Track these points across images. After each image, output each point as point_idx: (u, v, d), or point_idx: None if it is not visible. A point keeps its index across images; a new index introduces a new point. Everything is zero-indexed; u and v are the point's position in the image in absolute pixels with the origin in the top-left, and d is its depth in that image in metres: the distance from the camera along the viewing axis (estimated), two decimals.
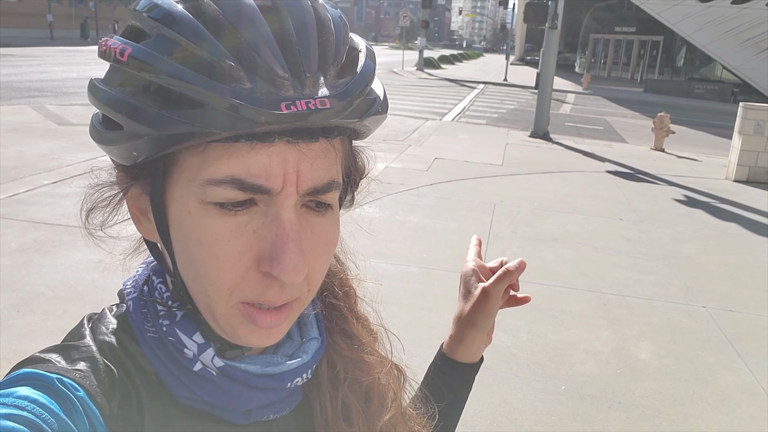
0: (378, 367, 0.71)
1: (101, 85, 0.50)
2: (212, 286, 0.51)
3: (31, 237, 4.71)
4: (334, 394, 0.66)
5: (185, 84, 0.45)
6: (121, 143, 0.49)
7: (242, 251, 0.49)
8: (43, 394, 0.46)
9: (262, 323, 0.52)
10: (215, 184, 0.48)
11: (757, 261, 5.52)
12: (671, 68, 33.50)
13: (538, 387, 3.27)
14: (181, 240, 0.51)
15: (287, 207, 0.49)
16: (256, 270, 0.50)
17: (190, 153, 0.49)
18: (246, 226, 0.49)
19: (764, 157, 8.99)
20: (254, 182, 0.48)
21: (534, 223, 6.18)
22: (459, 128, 12.87)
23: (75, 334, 0.57)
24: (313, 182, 0.50)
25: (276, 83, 0.46)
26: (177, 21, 0.47)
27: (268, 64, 0.46)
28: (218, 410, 0.57)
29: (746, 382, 3.46)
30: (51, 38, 39.33)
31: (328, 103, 0.48)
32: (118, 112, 0.48)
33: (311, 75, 0.48)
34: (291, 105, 0.46)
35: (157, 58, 0.46)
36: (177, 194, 0.51)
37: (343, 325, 0.70)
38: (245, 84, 0.46)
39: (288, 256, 0.48)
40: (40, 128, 8.98)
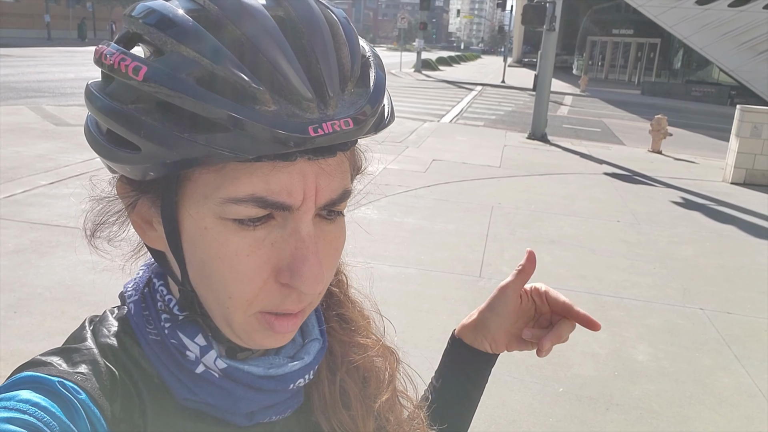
0: (373, 349, 0.71)
1: (109, 101, 0.47)
2: (231, 299, 0.51)
3: (29, 238, 4.70)
4: (332, 379, 0.67)
5: (209, 107, 0.44)
6: (137, 164, 0.48)
7: (261, 264, 0.50)
8: (44, 398, 0.46)
9: (281, 329, 0.53)
10: (235, 202, 0.47)
11: (755, 263, 5.53)
12: (669, 71, 33.59)
13: (536, 389, 3.27)
14: (197, 255, 0.51)
15: (306, 221, 0.50)
16: (275, 281, 0.51)
17: (207, 170, 0.48)
18: (264, 240, 0.50)
19: (761, 159, 9.01)
20: (276, 200, 0.48)
21: (531, 224, 6.19)
22: (457, 130, 12.89)
23: (76, 336, 0.57)
24: (330, 195, 0.51)
25: (302, 105, 0.46)
26: (194, 38, 0.45)
27: (293, 86, 0.45)
28: (221, 412, 0.57)
29: (744, 384, 3.46)
30: (48, 39, 39.25)
31: (352, 123, 0.47)
32: (135, 134, 0.46)
33: (334, 95, 0.47)
34: (318, 128, 0.45)
35: (176, 78, 0.44)
36: (192, 210, 0.50)
37: (339, 310, 0.71)
38: (270, 106, 0.45)
39: (308, 269, 0.49)
40: (37, 129, 8.97)
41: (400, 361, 0.76)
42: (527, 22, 12.31)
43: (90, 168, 6.72)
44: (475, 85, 27.69)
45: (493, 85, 28.19)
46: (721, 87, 26.37)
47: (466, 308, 4.07)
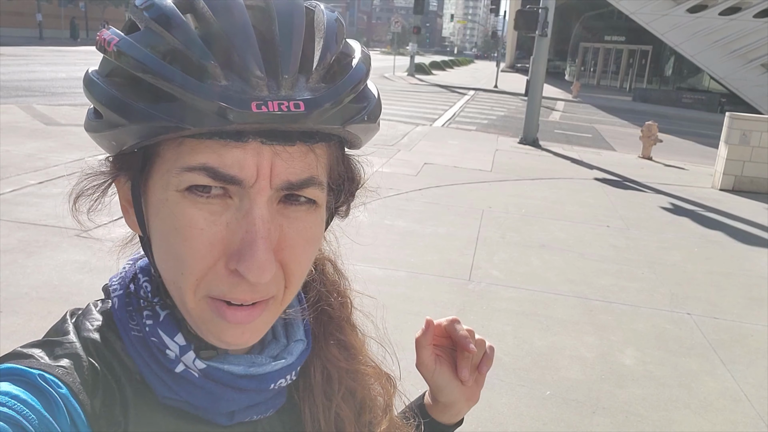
0: (372, 378, 0.71)
1: (93, 75, 0.51)
2: (182, 275, 0.50)
3: (16, 237, 4.66)
4: (328, 405, 0.66)
5: (159, 78, 0.46)
6: (101, 131, 0.50)
7: (213, 242, 0.49)
8: (24, 391, 0.45)
9: (232, 319, 0.51)
10: (188, 170, 0.48)
11: (742, 269, 5.57)
12: (660, 77, 33.82)
13: (523, 392, 3.27)
14: (158, 228, 0.52)
15: (260, 202, 0.49)
16: (225, 266, 0.49)
17: (169, 145, 0.49)
18: (220, 217, 0.49)
19: (750, 166, 9.08)
20: (227, 172, 0.47)
21: (522, 229, 6.21)
22: (449, 134, 12.91)
23: (58, 329, 0.56)
24: (287, 176, 0.49)
25: (251, 82, 0.46)
26: (164, 15, 0.48)
27: (245, 62, 0.46)
28: (201, 411, 0.56)
29: (729, 389, 3.48)
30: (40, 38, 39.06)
31: (303, 106, 0.47)
32: (98, 101, 0.49)
33: (289, 76, 0.47)
34: (262, 105, 0.45)
35: (139, 50, 0.47)
36: (156, 184, 0.51)
37: (340, 336, 0.70)
38: (220, 81, 0.46)
39: (255, 255, 0.48)
40: (27, 128, 8.91)
41: (397, 388, 0.75)
42: (519, 28, 12.37)
43: (80, 168, 6.67)
44: (467, 89, 27.77)
45: (485, 89, 28.28)
46: (712, 94, 26.58)
47: (455, 311, 4.10)
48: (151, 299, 0.57)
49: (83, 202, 0.58)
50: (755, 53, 23.58)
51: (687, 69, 30.77)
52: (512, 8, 44.46)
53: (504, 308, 4.26)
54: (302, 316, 0.66)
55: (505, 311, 4.21)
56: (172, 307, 0.56)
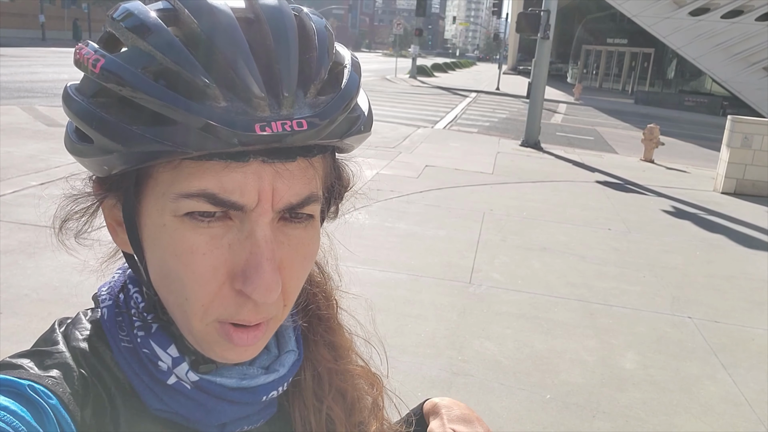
0: (361, 378, 0.71)
1: (75, 95, 0.48)
2: (187, 301, 0.50)
3: (17, 238, 4.67)
4: (319, 407, 0.66)
5: (157, 101, 0.44)
6: (91, 156, 0.48)
7: (216, 265, 0.48)
8: (13, 402, 0.45)
9: (239, 341, 0.51)
10: (187, 197, 0.47)
11: (743, 272, 5.56)
12: (662, 80, 33.78)
13: (523, 396, 3.26)
14: (157, 253, 0.51)
15: (262, 224, 0.48)
16: (230, 287, 0.49)
17: (164, 168, 0.48)
18: (221, 240, 0.48)
19: (751, 169, 9.07)
20: (227, 198, 0.47)
21: (523, 231, 6.20)
22: (450, 136, 12.91)
23: (47, 339, 0.56)
24: (289, 199, 0.49)
25: (252, 103, 0.45)
26: (151, 32, 0.46)
27: (245, 83, 0.45)
28: (192, 422, 0.56)
29: (730, 393, 3.47)
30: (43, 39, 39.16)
31: (306, 124, 0.46)
32: (88, 125, 0.47)
33: (289, 94, 0.46)
34: (266, 126, 0.45)
35: (129, 71, 0.45)
36: (151, 207, 0.50)
37: (329, 337, 0.70)
38: (220, 102, 0.44)
39: (261, 276, 0.47)
40: (29, 129, 8.93)
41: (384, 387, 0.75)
42: (521, 31, 12.35)
43: (81, 170, 6.66)
44: (469, 91, 27.78)
45: (487, 92, 28.28)
46: (714, 97, 26.56)
47: (455, 314, 4.10)
48: (141, 312, 0.56)
49: (71, 225, 0.57)
50: (757, 56, 23.57)
51: (689, 72, 30.75)
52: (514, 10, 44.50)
53: (504, 311, 4.25)
54: (293, 324, 0.65)
55: (505, 314, 4.20)
56: (167, 323, 0.55)
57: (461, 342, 3.74)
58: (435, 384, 3.25)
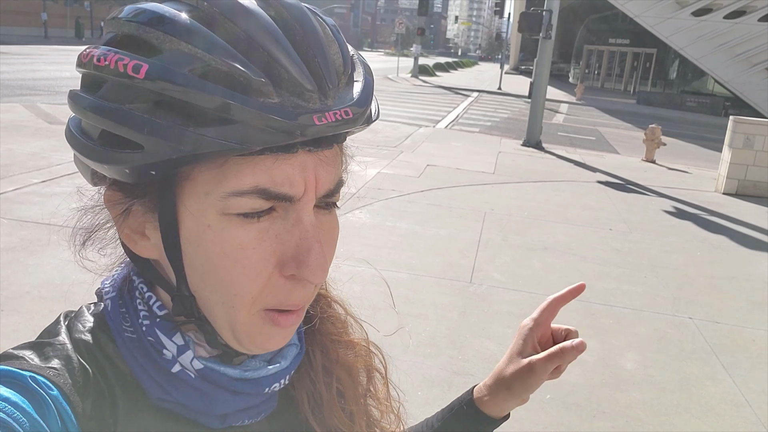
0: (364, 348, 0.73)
1: (105, 102, 0.47)
2: (237, 296, 0.50)
3: (18, 236, 4.67)
4: (328, 381, 0.67)
5: (215, 99, 0.44)
6: (136, 163, 0.47)
7: (266, 257, 0.50)
8: (15, 392, 0.45)
9: (285, 323, 0.53)
10: (239, 195, 0.47)
11: (744, 273, 5.55)
12: (664, 81, 33.75)
13: None
14: (199, 254, 0.50)
15: (308, 211, 0.51)
16: (279, 275, 0.51)
17: (207, 167, 0.48)
18: (268, 232, 0.50)
19: (753, 170, 9.06)
20: (279, 191, 0.48)
21: (524, 231, 6.20)
22: (452, 136, 12.91)
23: (50, 331, 0.56)
24: (328, 185, 0.52)
25: (305, 96, 0.47)
26: (191, 34, 0.46)
27: (295, 78, 0.47)
28: (193, 413, 0.56)
29: (730, 394, 3.47)
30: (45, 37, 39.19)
31: (351, 113, 0.49)
32: (138, 132, 0.45)
33: (333, 86, 0.49)
34: (322, 117, 0.47)
35: (179, 74, 0.44)
36: (193, 208, 0.49)
37: (330, 310, 0.72)
38: (273, 98, 0.46)
39: (314, 258, 0.50)
40: (31, 127, 8.94)
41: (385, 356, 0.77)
42: (523, 30, 12.35)
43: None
44: (471, 91, 27.77)
45: (489, 91, 28.27)
46: (716, 98, 26.53)
47: (456, 314, 4.10)
48: (147, 300, 0.57)
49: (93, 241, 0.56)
50: (760, 57, 23.54)
51: (691, 72, 30.71)
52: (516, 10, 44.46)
53: (505, 311, 4.25)
54: None
55: (506, 314, 4.20)
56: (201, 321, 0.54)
57: (462, 341, 3.74)
58: (435, 383, 3.25)
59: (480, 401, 0.83)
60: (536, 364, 0.77)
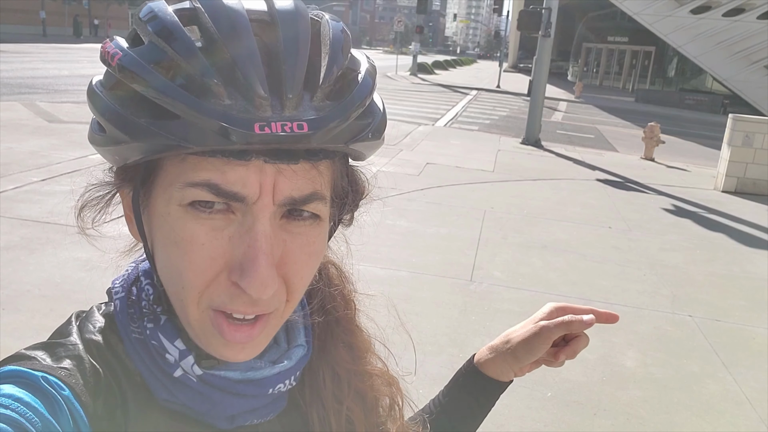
0: (380, 379, 0.71)
1: (96, 87, 0.50)
2: (184, 289, 0.50)
3: (19, 234, 4.67)
4: (338, 408, 0.66)
5: (162, 96, 0.45)
6: (104, 146, 0.50)
7: (215, 257, 0.49)
8: (27, 393, 0.46)
9: (231, 338, 0.51)
10: (192, 185, 0.48)
11: (744, 271, 5.56)
12: (663, 78, 33.78)
13: (524, 393, 3.27)
14: (160, 241, 0.52)
15: (262, 218, 0.49)
16: (226, 278, 0.50)
17: (172, 160, 0.49)
18: (222, 231, 0.49)
19: (752, 168, 9.07)
20: (230, 189, 0.47)
21: (524, 229, 6.20)
22: (451, 134, 12.91)
23: (62, 331, 0.57)
24: (290, 193, 0.49)
25: (254, 102, 0.45)
26: (168, 31, 0.47)
27: (249, 82, 0.46)
28: (201, 415, 0.56)
29: (731, 392, 3.48)
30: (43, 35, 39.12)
31: (306, 127, 0.46)
32: (101, 116, 0.49)
33: (294, 96, 0.47)
34: (265, 126, 0.45)
35: (141, 66, 0.46)
36: (159, 197, 0.51)
37: (348, 338, 0.70)
38: (224, 100, 0.45)
39: (256, 270, 0.48)
40: (30, 125, 8.93)
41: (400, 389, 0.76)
42: (523, 28, 12.35)
43: (82, 165, 6.69)
44: (470, 89, 27.77)
45: (488, 89, 28.27)
46: (714, 96, 26.56)
47: (456, 312, 4.10)
48: (152, 304, 0.57)
49: (88, 213, 0.58)
50: (759, 55, 23.56)
51: (690, 70, 30.75)
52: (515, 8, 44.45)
53: (506, 309, 4.26)
54: (304, 321, 0.66)
55: (506, 312, 4.21)
56: (173, 315, 0.56)
57: (462, 339, 3.75)
58: (436, 381, 3.24)
59: (482, 364, 0.88)
60: (544, 327, 0.83)
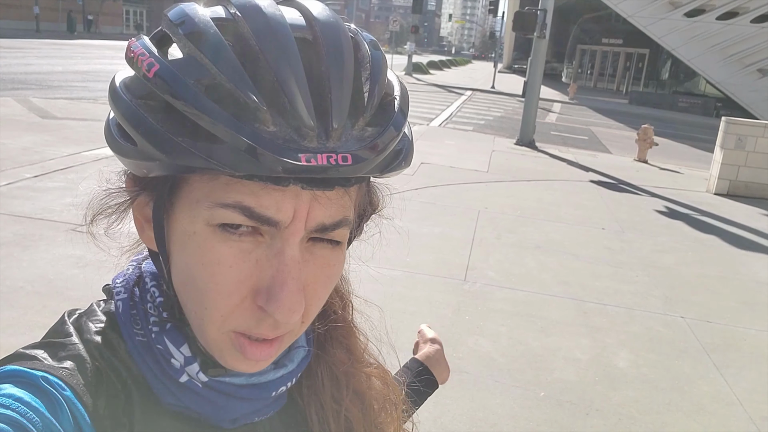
0: (378, 379, 0.72)
1: (123, 92, 0.48)
2: (207, 310, 0.50)
3: (11, 231, 4.65)
4: (337, 408, 0.66)
5: (206, 117, 0.43)
6: (132, 158, 0.48)
7: (242, 279, 0.48)
8: (28, 393, 0.45)
9: (252, 356, 0.51)
10: (223, 206, 0.47)
11: (735, 273, 5.60)
12: (656, 81, 33.92)
13: (517, 393, 3.29)
14: (183, 259, 0.51)
15: (292, 243, 0.48)
16: (252, 302, 0.49)
17: (203, 177, 0.48)
18: (250, 254, 0.48)
19: (744, 171, 9.12)
20: (263, 213, 0.46)
21: (517, 230, 6.22)
22: (446, 134, 12.93)
23: (58, 330, 0.56)
24: (323, 220, 0.49)
25: (301, 132, 0.44)
26: (211, 45, 0.45)
27: (296, 110, 0.44)
28: (204, 417, 0.57)
29: (722, 393, 3.50)
30: (37, 31, 38.87)
31: (350, 159, 0.45)
32: (134, 129, 0.46)
33: (339, 126, 0.45)
34: (312, 158, 0.44)
35: (183, 83, 0.44)
36: (184, 213, 0.50)
37: (344, 339, 0.70)
38: (269, 126, 0.44)
39: (286, 295, 0.47)
40: (23, 121, 8.88)
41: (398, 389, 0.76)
42: (518, 29, 12.37)
43: (75, 162, 6.67)
44: (465, 89, 27.80)
45: (482, 90, 28.30)
46: (708, 99, 26.70)
47: (450, 311, 4.11)
48: (158, 308, 0.56)
49: (101, 219, 0.57)
50: (752, 58, 23.70)
51: (683, 73, 30.88)
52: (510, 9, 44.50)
53: (499, 309, 4.27)
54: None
55: (500, 312, 4.22)
56: (182, 323, 0.55)
57: (456, 339, 3.76)
58: None
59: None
60: None
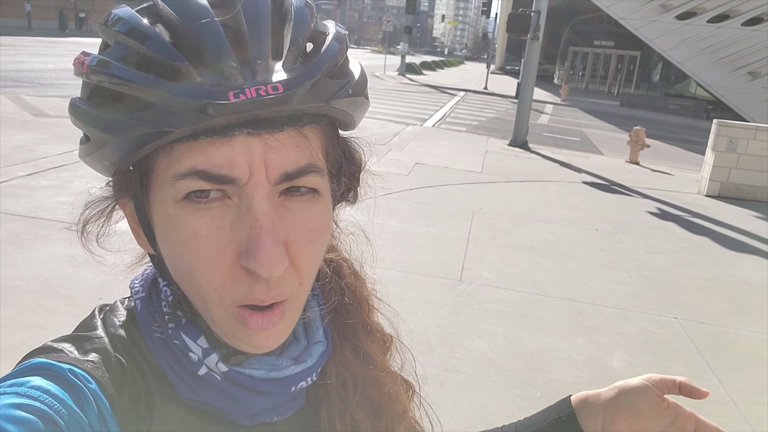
0: (388, 383, 0.70)
1: (76, 101, 0.51)
2: (201, 287, 0.50)
3: (5, 229, 4.62)
4: (343, 408, 0.66)
5: (133, 85, 0.46)
6: (91, 153, 0.51)
7: (221, 247, 0.48)
8: (55, 385, 0.46)
9: (254, 326, 0.50)
10: (180, 177, 0.48)
11: (727, 274, 5.65)
12: (647, 83, 34.12)
13: (514, 393, 3.30)
14: (166, 244, 0.52)
15: (258, 198, 0.48)
16: (240, 268, 0.49)
17: (160, 156, 0.49)
18: (222, 220, 0.48)
19: (736, 173, 9.19)
20: (217, 172, 0.47)
21: (512, 230, 6.25)
22: (439, 134, 12.95)
23: (87, 324, 0.57)
24: (283, 168, 0.48)
25: (225, 74, 0.46)
26: (130, 27, 0.48)
27: (216, 55, 0.46)
28: (223, 412, 0.57)
29: (715, 393, 3.53)
30: (29, 28, 38.61)
31: (281, 87, 0.46)
32: (83, 124, 0.50)
33: (262, 61, 0.47)
34: (240, 93, 0.45)
35: (110, 64, 0.47)
36: (157, 200, 0.51)
37: (354, 340, 0.70)
38: (195, 78, 0.46)
39: (263, 249, 0.47)
40: (15, 119, 8.82)
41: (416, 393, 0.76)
42: (512, 31, 12.41)
43: (69, 160, 6.63)
44: (458, 90, 27.84)
45: (475, 91, 28.36)
46: (698, 101, 26.88)
47: (446, 311, 4.13)
48: (171, 304, 0.58)
49: (91, 228, 0.58)
50: (742, 61, 23.88)
51: (674, 75, 31.09)
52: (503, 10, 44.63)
53: (494, 309, 4.29)
54: (321, 317, 0.66)
55: (495, 312, 4.24)
56: (195, 316, 0.56)
57: (452, 339, 3.77)
58: (427, 381, 3.27)
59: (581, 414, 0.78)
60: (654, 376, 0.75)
